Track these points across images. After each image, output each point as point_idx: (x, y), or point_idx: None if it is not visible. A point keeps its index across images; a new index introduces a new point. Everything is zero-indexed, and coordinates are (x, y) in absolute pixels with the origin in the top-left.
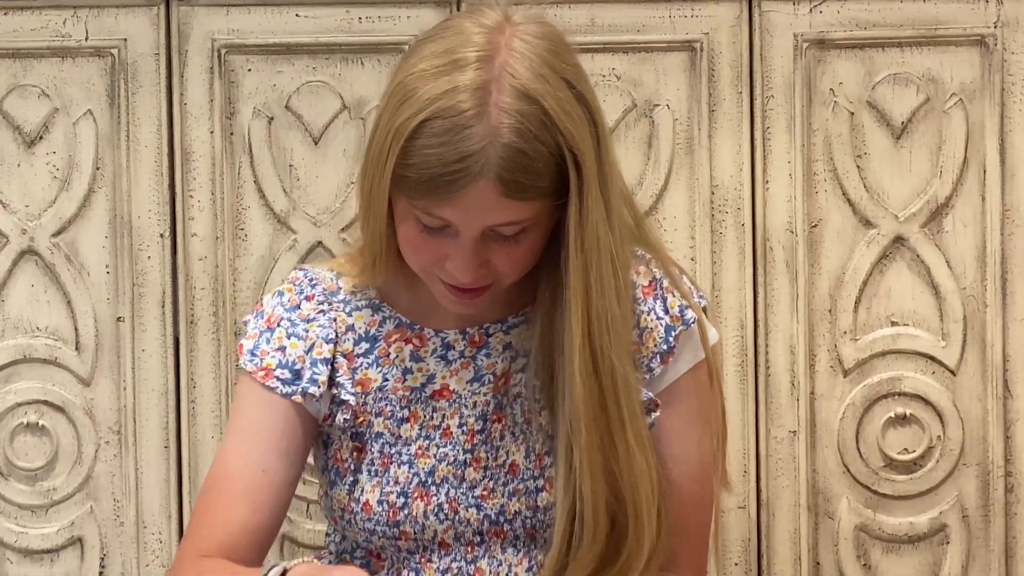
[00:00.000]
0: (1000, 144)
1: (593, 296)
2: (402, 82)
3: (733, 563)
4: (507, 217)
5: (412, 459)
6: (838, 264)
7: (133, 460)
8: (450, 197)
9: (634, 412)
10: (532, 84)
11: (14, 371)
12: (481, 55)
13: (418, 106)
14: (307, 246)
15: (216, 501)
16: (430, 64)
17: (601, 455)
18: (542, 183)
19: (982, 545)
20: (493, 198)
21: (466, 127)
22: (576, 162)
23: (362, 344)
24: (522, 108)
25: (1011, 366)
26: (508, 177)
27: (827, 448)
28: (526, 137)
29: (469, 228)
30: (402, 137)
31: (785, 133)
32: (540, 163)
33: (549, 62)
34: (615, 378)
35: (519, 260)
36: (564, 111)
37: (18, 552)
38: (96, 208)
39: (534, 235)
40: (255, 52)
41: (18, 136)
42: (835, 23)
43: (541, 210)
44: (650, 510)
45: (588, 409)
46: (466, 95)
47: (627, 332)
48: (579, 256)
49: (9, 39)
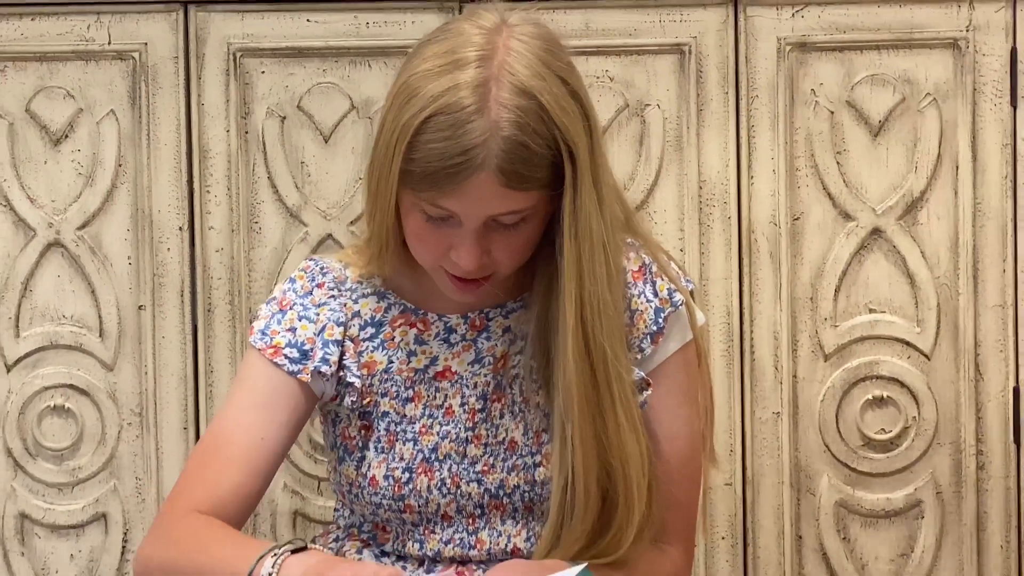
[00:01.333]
0: (972, 141)
1: (586, 282)
2: (406, 82)
3: (720, 537)
4: (508, 207)
5: (416, 436)
6: (819, 255)
7: (154, 441)
8: (454, 189)
9: (624, 391)
10: (529, 81)
11: (41, 357)
12: (481, 54)
13: (422, 103)
14: (318, 238)
15: (213, 463)
16: (432, 64)
17: (593, 431)
18: (540, 174)
19: (955, 520)
20: (494, 189)
21: (468, 122)
22: (571, 154)
23: (368, 329)
24: (520, 103)
25: (982, 351)
26: (508, 168)
27: (809, 428)
28: (525, 130)
29: (472, 218)
30: (408, 133)
31: (769, 131)
32: (538, 155)
33: (544, 60)
34: (606, 359)
35: (518, 249)
36: (560, 106)
37: (46, 527)
38: (118, 203)
39: (532, 224)
40: (268, 55)
41: (45, 135)
42: (816, 27)
43: (539, 200)
44: (640, 484)
45: (580, 388)
46: (467, 92)
47: (618, 316)
48: (573, 244)
49: (36, 43)
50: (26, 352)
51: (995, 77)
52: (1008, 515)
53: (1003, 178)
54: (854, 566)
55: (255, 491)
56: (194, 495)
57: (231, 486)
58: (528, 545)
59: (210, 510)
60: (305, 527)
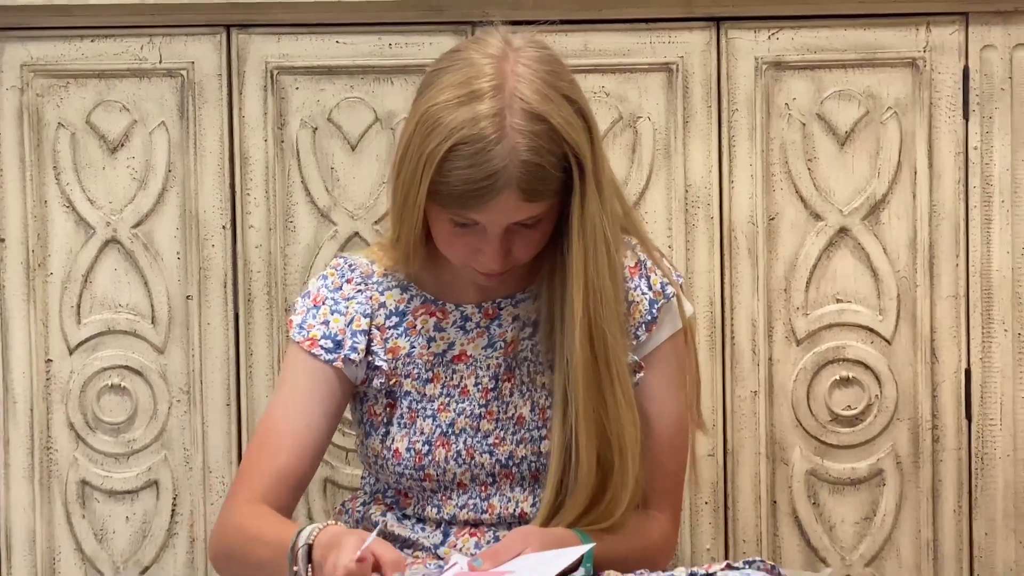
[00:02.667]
0: (928, 150)
1: (591, 276)
2: (427, 111)
3: (703, 502)
4: (526, 215)
5: (435, 413)
6: (792, 251)
7: (200, 416)
8: (480, 206)
9: (622, 372)
10: (539, 105)
11: (100, 341)
12: (493, 84)
13: (445, 134)
14: (346, 236)
15: (264, 451)
16: (450, 95)
17: (593, 408)
18: (553, 186)
19: (913, 487)
20: (515, 204)
21: (489, 150)
22: (579, 166)
23: (392, 318)
24: (534, 128)
25: (937, 336)
26: (527, 187)
27: (783, 405)
28: (540, 152)
29: (495, 226)
30: (434, 162)
31: (747, 141)
32: (551, 171)
33: (550, 82)
34: (607, 344)
35: (533, 244)
36: (568, 124)
37: (104, 493)
38: (168, 204)
39: (546, 222)
40: (302, 73)
41: (103, 144)
42: (789, 48)
43: (552, 205)
44: (634, 455)
45: (585, 369)
46: (486, 122)
47: (618, 305)
48: (580, 243)
49: (95, 62)
50: (86, 337)
51: (949, 93)
52: (960, 483)
53: (956, 183)
54: (823, 528)
55: (304, 473)
56: (251, 483)
57: (281, 470)
58: (534, 510)
59: (263, 493)
60: (334, 493)
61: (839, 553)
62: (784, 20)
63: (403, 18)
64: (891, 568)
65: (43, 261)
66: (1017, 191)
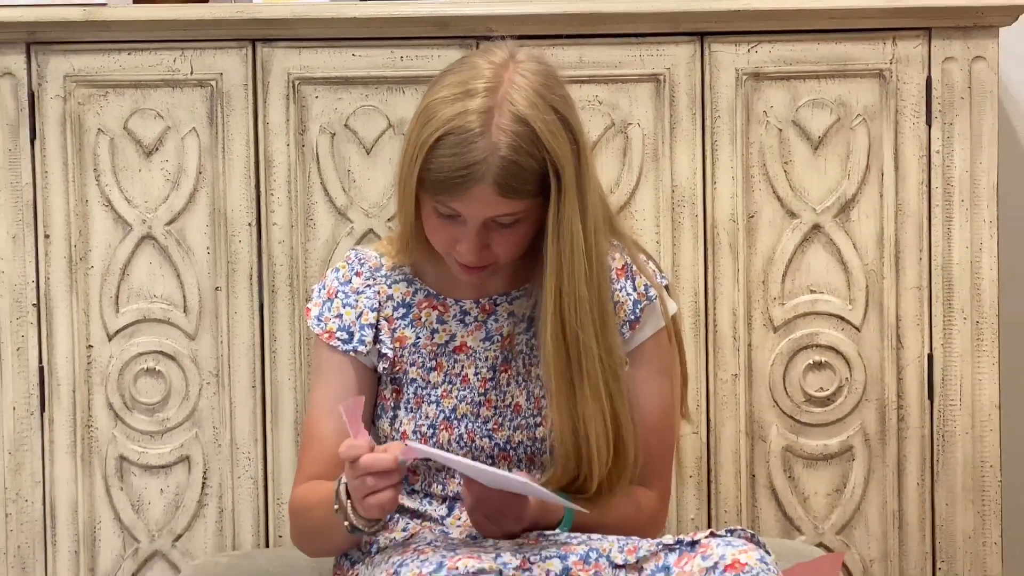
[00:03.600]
0: (894, 153)
1: (564, 279)
2: (427, 105)
3: (688, 476)
4: (502, 211)
5: (439, 399)
6: (769, 246)
7: (228, 397)
8: (460, 195)
9: (592, 370)
10: (526, 110)
11: (136, 329)
12: (488, 86)
13: (437, 124)
14: (361, 232)
15: (311, 446)
16: (448, 92)
17: (566, 400)
18: (529, 186)
19: (880, 462)
20: (491, 197)
21: (472, 142)
22: (556, 172)
23: (400, 309)
24: (517, 129)
25: (902, 324)
26: (503, 182)
27: (761, 387)
28: (519, 152)
29: (473, 218)
30: (425, 148)
31: (729, 145)
32: (528, 171)
33: (541, 93)
34: (578, 345)
35: (513, 245)
36: (550, 132)
37: (140, 467)
38: (199, 203)
39: (524, 225)
40: (321, 83)
41: (139, 148)
42: (767, 60)
43: (530, 206)
44: (600, 444)
45: (557, 366)
46: (474, 117)
47: (594, 309)
48: (555, 247)
49: (132, 73)
50: (124, 324)
51: (913, 101)
52: (923, 458)
53: (920, 184)
54: (797, 499)
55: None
56: (304, 474)
57: (328, 458)
58: None
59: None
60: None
61: (812, 522)
62: (762, 35)
63: (413, 33)
64: (860, 536)
65: (84, 255)
66: (976, 191)
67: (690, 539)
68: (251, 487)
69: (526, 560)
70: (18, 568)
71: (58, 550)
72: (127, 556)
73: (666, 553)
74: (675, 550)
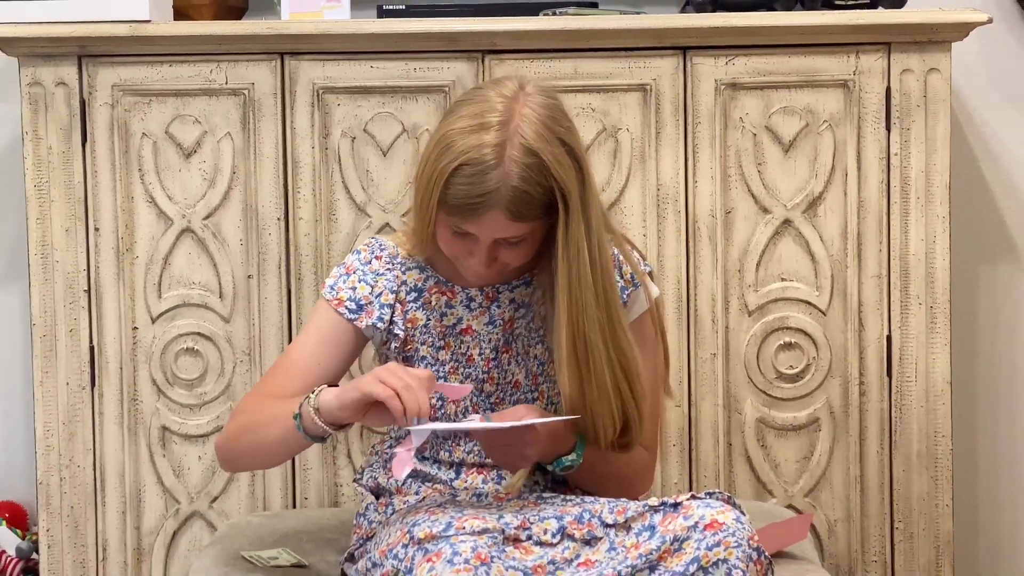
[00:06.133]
0: (857, 156)
1: (574, 291)
2: (445, 134)
3: (672, 444)
4: (512, 233)
5: (447, 376)
6: (745, 238)
7: (259, 374)
8: (473, 219)
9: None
10: (535, 143)
11: (177, 312)
12: (501, 120)
13: (454, 155)
14: (378, 226)
15: (279, 374)
16: (465, 124)
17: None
18: (537, 212)
19: (843, 432)
20: (502, 221)
21: (487, 173)
22: (564, 198)
23: (412, 294)
24: (527, 161)
25: (864, 309)
26: (514, 208)
27: (737, 365)
28: (528, 181)
29: (485, 238)
30: (444, 176)
31: (709, 148)
32: (537, 198)
33: (549, 126)
34: (588, 344)
35: (519, 257)
36: (558, 162)
37: (180, 436)
38: (233, 200)
39: (530, 242)
40: (343, 92)
41: (179, 150)
42: (743, 72)
43: (537, 227)
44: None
45: (568, 365)
46: (488, 150)
47: (602, 313)
48: (564, 262)
49: (173, 83)
50: (166, 309)
51: (874, 109)
52: (882, 430)
53: (880, 183)
54: (769, 466)
55: None
56: (263, 391)
57: (288, 392)
58: None
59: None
60: (368, 436)
61: (783, 487)
62: (739, 49)
63: (425, 47)
64: (825, 499)
65: (130, 247)
66: (930, 190)
67: (673, 501)
68: None
69: (526, 520)
70: (71, 526)
71: (107, 510)
72: (169, 516)
73: (651, 514)
74: (659, 511)
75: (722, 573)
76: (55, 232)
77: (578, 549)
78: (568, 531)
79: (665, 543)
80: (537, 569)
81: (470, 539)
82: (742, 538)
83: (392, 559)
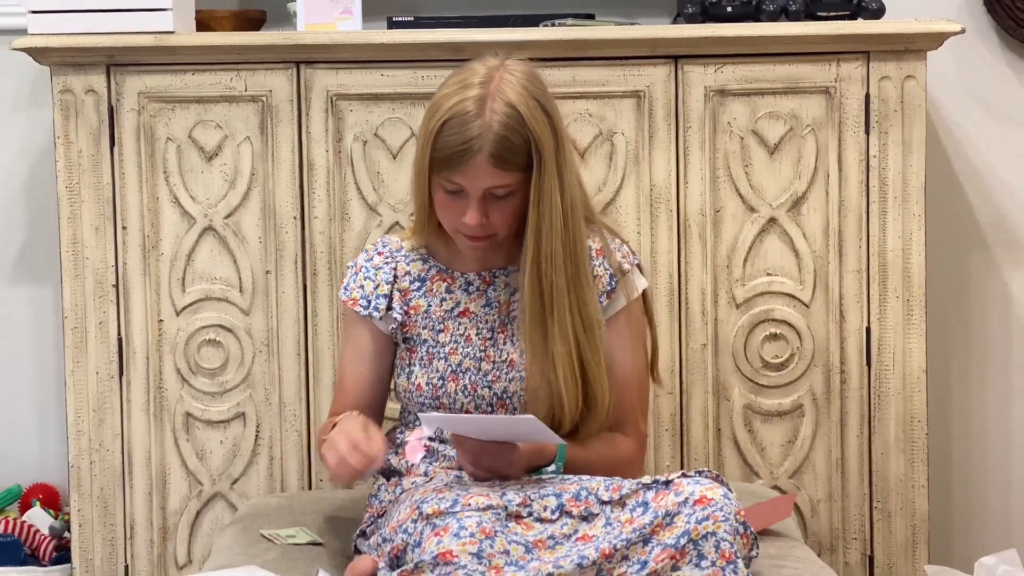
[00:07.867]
0: (838, 158)
1: (542, 236)
2: (434, 101)
3: (664, 429)
4: (498, 182)
5: (447, 356)
6: (733, 236)
7: (277, 363)
8: (461, 168)
9: (563, 316)
10: (514, 98)
11: (200, 306)
12: (483, 80)
13: (441, 113)
14: (388, 224)
15: (338, 394)
16: (450, 88)
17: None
18: (519, 159)
19: (826, 418)
20: (488, 168)
21: (470, 122)
22: (538, 150)
23: (415, 283)
24: (507, 111)
25: (845, 302)
26: (496, 153)
27: (725, 355)
28: (508, 129)
29: (474, 189)
30: (432, 133)
31: (699, 151)
32: (517, 146)
33: (526, 87)
34: (552, 290)
35: (508, 216)
36: (534, 118)
37: (203, 422)
38: (252, 200)
39: (517, 198)
40: (355, 99)
41: (201, 154)
42: (731, 79)
43: (520, 181)
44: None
45: (531, 308)
46: (471, 103)
47: (568, 264)
48: (535, 209)
49: (195, 90)
50: (189, 302)
51: (854, 114)
52: (862, 415)
53: (860, 184)
54: (756, 449)
55: (368, 402)
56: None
57: (348, 404)
58: None
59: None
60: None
61: (768, 468)
62: (727, 57)
63: (432, 56)
64: (808, 480)
65: (156, 244)
66: (907, 190)
67: (665, 479)
68: (296, 439)
69: (527, 498)
70: (101, 507)
71: (134, 492)
72: (192, 496)
73: (645, 491)
74: (652, 488)
75: (711, 545)
76: (85, 231)
77: (576, 525)
78: (567, 508)
79: (658, 518)
80: (538, 543)
81: (475, 515)
82: (729, 512)
83: (402, 534)
